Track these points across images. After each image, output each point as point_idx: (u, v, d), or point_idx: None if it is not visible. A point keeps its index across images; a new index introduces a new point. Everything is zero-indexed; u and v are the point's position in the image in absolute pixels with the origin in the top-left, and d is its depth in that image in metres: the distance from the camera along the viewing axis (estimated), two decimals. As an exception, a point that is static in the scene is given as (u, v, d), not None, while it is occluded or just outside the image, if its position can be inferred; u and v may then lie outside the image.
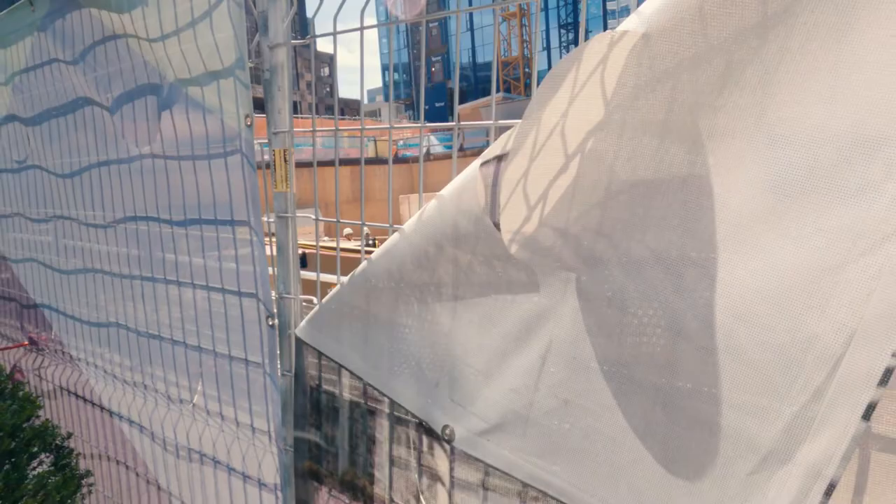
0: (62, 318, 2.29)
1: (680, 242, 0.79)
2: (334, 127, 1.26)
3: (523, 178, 0.82)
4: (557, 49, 37.33)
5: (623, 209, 0.82)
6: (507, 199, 0.85)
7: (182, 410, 1.81)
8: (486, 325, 0.97)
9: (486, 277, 0.96)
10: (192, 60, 1.47)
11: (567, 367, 0.89)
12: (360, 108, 1.26)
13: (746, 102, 0.72)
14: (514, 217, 0.85)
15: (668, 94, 0.75)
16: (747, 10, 0.69)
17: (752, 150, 0.73)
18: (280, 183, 1.28)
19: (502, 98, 24.33)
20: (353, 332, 1.17)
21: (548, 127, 0.79)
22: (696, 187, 0.77)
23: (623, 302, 0.84)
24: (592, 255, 0.85)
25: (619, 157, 0.79)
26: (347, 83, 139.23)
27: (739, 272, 0.75)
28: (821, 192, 0.70)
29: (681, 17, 0.71)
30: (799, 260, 0.71)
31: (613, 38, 0.73)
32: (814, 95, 0.69)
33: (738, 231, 0.75)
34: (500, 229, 0.88)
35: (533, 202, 0.83)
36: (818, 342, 0.72)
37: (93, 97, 1.87)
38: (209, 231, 1.55)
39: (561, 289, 0.89)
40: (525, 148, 0.81)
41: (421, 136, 1.13)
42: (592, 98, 0.77)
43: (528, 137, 0.80)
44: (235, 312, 1.52)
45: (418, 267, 1.02)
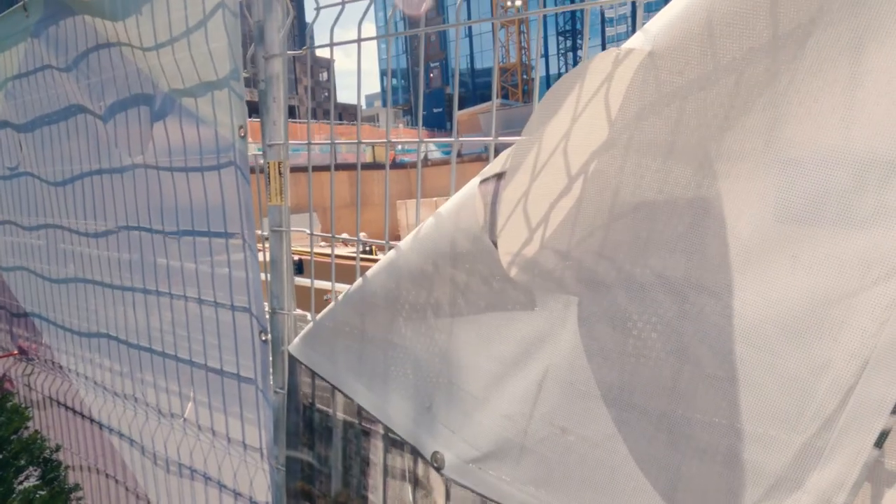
0: (52, 328, 2.25)
1: (686, 266, 0.77)
2: (331, 137, 1.23)
3: (523, 199, 0.80)
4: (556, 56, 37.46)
5: (627, 231, 0.79)
6: (507, 219, 0.82)
7: (173, 424, 1.77)
8: (481, 347, 0.94)
9: (484, 298, 0.93)
10: (186, 70, 1.44)
11: (565, 393, 0.86)
12: (357, 117, 1.23)
13: (755, 124, 0.70)
14: (513, 238, 0.83)
15: (674, 114, 0.72)
16: (757, 30, 0.67)
17: (762, 172, 0.71)
18: (274, 196, 1.25)
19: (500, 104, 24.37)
20: (348, 351, 1.14)
21: (549, 146, 0.76)
22: (703, 210, 0.75)
23: (626, 326, 0.82)
24: (594, 278, 0.83)
25: (624, 177, 0.77)
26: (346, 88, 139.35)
27: (749, 297, 0.73)
28: (833, 217, 0.67)
29: (688, 36, 0.69)
30: (811, 287, 0.69)
31: (619, 56, 0.71)
32: (826, 117, 0.67)
33: (747, 255, 0.73)
34: (498, 248, 0.85)
35: (534, 223, 0.81)
36: (830, 370, 0.69)
37: (86, 105, 1.84)
38: (202, 243, 1.52)
39: (561, 312, 0.86)
40: (525, 167, 0.78)
41: (419, 148, 1.10)
42: (596, 117, 0.74)
43: (528, 155, 0.77)
44: (228, 326, 1.49)
45: (415, 285, 0.99)
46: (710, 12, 0.68)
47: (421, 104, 1.19)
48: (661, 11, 0.71)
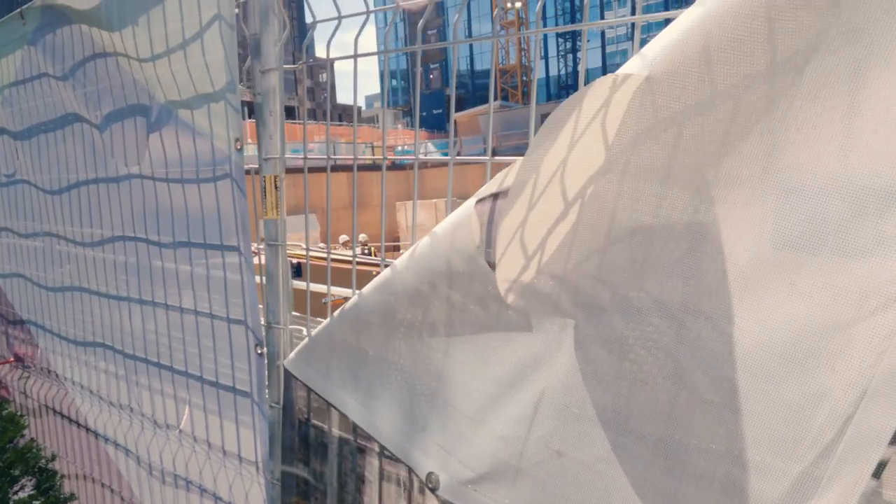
0: (48, 336, 2.24)
1: (683, 291, 0.76)
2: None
3: (521, 227, 0.79)
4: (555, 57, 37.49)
5: (623, 255, 0.79)
6: (505, 246, 0.81)
7: (168, 435, 1.76)
8: (477, 368, 0.94)
9: (480, 318, 0.92)
10: (182, 81, 1.43)
11: (560, 416, 0.85)
12: (354, 123, 1.23)
13: (753, 150, 0.69)
14: (511, 264, 0.82)
15: (671, 139, 0.72)
16: (754, 56, 0.66)
17: (760, 199, 0.70)
18: (270, 210, 1.24)
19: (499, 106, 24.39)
20: (343, 368, 1.13)
21: (547, 173, 0.76)
22: (700, 235, 0.74)
23: (622, 350, 0.81)
24: (591, 301, 0.82)
25: (621, 202, 0.76)
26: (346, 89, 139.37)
27: (746, 324, 0.72)
28: (831, 245, 0.67)
29: (685, 62, 0.68)
30: (809, 315, 0.68)
31: (616, 82, 0.70)
32: (824, 144, 0.66)
33: (744, 281, 0.72)
34: (496, 274, 0.85)
35: (531, 249, 0.80)
36: (828, 399, 0.69)
37: (82, 114, 1.83)
38: (198, 255, 1.52)
39: (557, 334, 0.85)
40: (524, 195, 0.77)
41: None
42: (593, 142, 0.74)
43: (526, 185, 0.77)
44: (223, 339, 1.48)
45: (410, 304, 0.99)
46: (707, 38, 0.67)
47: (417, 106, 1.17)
48: (659, 35, 0.71)
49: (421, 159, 1.01)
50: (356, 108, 1.08)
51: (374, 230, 15.41)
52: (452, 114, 1.13)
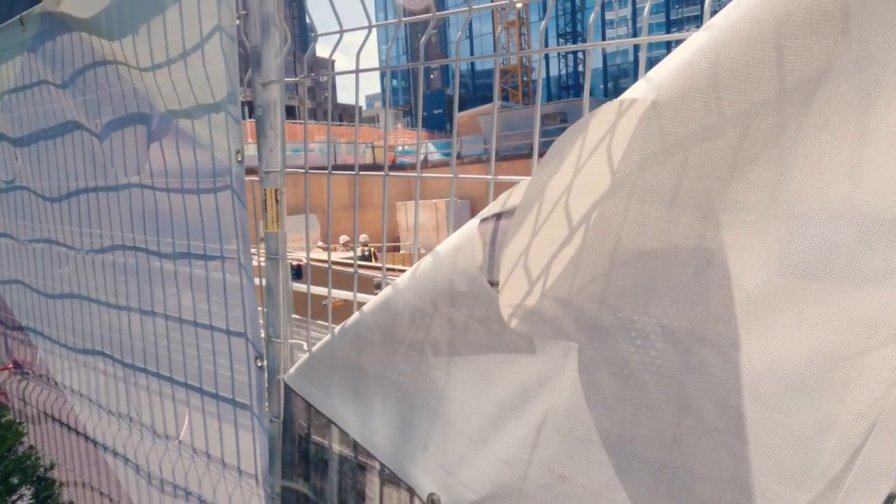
0: (47, 343, 2.23)
1: (689, 316, 0.75)
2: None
3: (525, 251, 0.78)
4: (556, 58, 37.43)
5: (629, 279, 0.78)
6: (509, 270, 0.80)
7: (168, 445, 1.75)
8: (479, 389, 0.93)
9: (482, 339, 0.91)
10: (182, 91, 1.42)
11: (564, 439, 0.84)
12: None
13: (761, 176, 0.68)
14: (515, 288, 0.81)
15: (678, 164, 0.71)
16: (763, 82, 0.65)
17: (767, 225, 0.69)
18: (271, 223, 1.23)
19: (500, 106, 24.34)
20: (343, 385, 1.12)
21: (552, 197, 0.75)
22: (706, 260, 0.73)
23: (627, 374, 0.80)
24: (595, 325, 0.81)
25: (626, 226, 0.75)
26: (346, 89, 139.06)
27: (753, 352, 0.71)
28: (840, 274, 0.66)
29: (693, 86, 0.67)
30: (817, 344, 0.67)
31: (622, 107, 0.69)
32: (833, 172, 0.65)
33: (751, 308, 0.71)
34: (499, 300, 0.84)
35: (535, 273, 0.79)
36: (837, 430, 0.68)
37: (82, 122, 1.82)
38: (198, 266, 1.51)
39: (560, 357, 0.84)
40: (528, 220, 0.76)
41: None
42: (598, 167, 0.73)
43: (531, 209, 0.76)
44: (223, 350, 1.47)
45: (412, 324, 0.98)
46: (714, 63, 0.66)
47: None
48: (665, 59, 0.70)
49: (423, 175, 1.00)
50: (357, 126, 1.07)
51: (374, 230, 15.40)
52: (455, 121, 1.12)
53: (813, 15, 0.62)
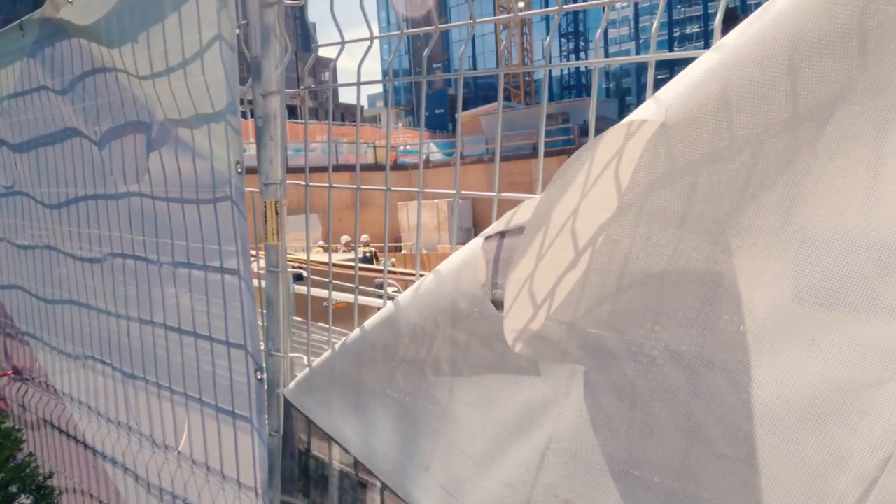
0: (47, 350, 2.22)
1: (698, 341, 0.73)
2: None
3: (531, 275, 0.76)
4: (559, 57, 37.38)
5: (636, 302, 0.76)
6: (515, 294, 0.78)
7: (167, 456, 1.74)
8: (482, 410, 0.91)
9: (485, 360, 0.90)
10: (182, 100, 1.41)
11: (569, 463, 0.83)
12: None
13: (773, 200, 0.67)
14: (520, 312, 0.79)
15: (687, 186, 0.69)
16: (776, 105, 0.64)
17: (779, 250, 0.67)
18: (271, 236, 1.22)
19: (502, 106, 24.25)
20: (344, 401, 1.10)
21: (558, 223, 0.73)
22: (716, 284, 0.71)
23: (634, 398, 0.78)
24: (602, 348, 0.79)
25: (633, 248, 0.73)
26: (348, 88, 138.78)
27: (765, 379, 0.69)
28: (854, 302, 0.64)
29: (702, 108, 0.66)
30: (830, 372, 0.66)
31: (630, 129, 0.67)
32: (849, 196, 0.64)
33: (762, 334, 0.69)
34: (504, 326, 0.82)
35: (541, 296, 0.77)
36: (851, 461, 0.66)
37: (81, 129, 1.81)
38: (197, 276, 1.49)
39: (566, 379, 0.83)
40: (534, 246, 0.75)
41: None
42: (606, 189, 0.71)
43: (536, 235, 0.74)
44: (223, 362, 1.46)
45: (414, 342, 0.96)
46: (725, 85, 0.64)
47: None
48: (674, 80, 0.68)
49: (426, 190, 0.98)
50: (358, 145, 1.06)
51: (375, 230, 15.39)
52: (459, 131, 1.10)
53: (828, 36, 0.60)
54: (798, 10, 0.61)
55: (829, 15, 0.59)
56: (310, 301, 1.38)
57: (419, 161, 1.10)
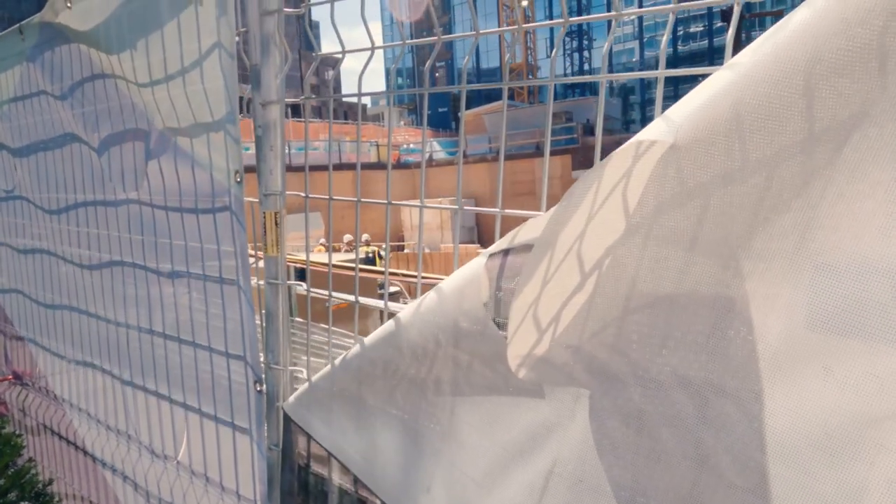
0: (46, 355, 2.20)
1: (707, 367, 0.71)
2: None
3: (536, 300, 0.74)
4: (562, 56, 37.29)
5: (643, 325, 0.74)
6: (519, 320, 0.76)
7: (166, 465, 1.72)
8: (484, 431, 0.89)
9: (488, 380, 0.87)
10: (181, 108, 1.39)
11: (573, 489, 0.81)
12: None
13: (787, 224, 0.64)
14: (524, 338, 0.77)
15: (698, 209, 0.67)
16: (791, 126, 0.61)
17: (793, 275, 0.65)
18: (270, 247, 1.20)
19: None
20: (344, 417, 1.08)
21: (565, 245, 0.71)
22: (727, 309, 0.69)
23: (641, 424, 0.76)
24: (608, 372, 0.77)
25: (641, 270, 0.71)
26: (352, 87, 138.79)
27: (777, 408, 0.67)
28: (871, 331, 0.61)
29: (714, 129, 0.63)
30: (845, 403, 0.63)
31: (639, 150, 0.65)
32: (867, 221, 0.61)
33: (775, 362, 0.67)
34: (508, 351, 0.80)
35: (545, 321, 0.75)
36: (867, 495, 0.64)
37: (80, 135, 1.79)
38: (196, 286, 1.47)
39: (570, 403, 0.81)
40: (540, 270, 0.72)
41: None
42: (614, 210, 0.69)
43: (543, 259, 0.72)
44: (222, 373, 1.44)
45: (415, 360, 0.94)
46: (737, 105, 0.62)
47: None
48: (685, 98, 0.66)
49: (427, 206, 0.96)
50: (359, 163, 1.04)
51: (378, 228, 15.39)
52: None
53: (847, 55, 0.58)
54: (815, 28, 0.58)
55: (847, 34, 0.57)
56: (309, 302, 1.36)
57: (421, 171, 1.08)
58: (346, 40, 1.11)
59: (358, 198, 1.06)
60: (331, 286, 1.22)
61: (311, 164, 1.21)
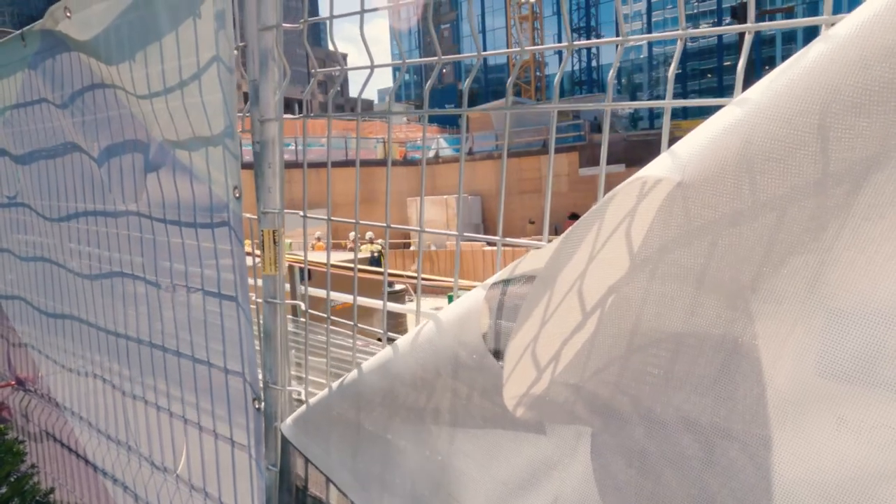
0: (48, 362, 2.20)
1: (713, 410, 0.69)
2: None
3: (535, 339, 0.72)
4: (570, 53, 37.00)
5: (647, 364, 0.71)
6: (517, 359, 0.74)
7: (166, 477, 1.71)
8: (483, 464, 0.87)
9: (488, 413, 0.85)
10: (179, 121, 1.37)
11: (577, 529, 0.78)
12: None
13: (798, 266, 0.62)
14: (523, 377, 0.75)
15: (706, 248, 0.64)
16: (803, 166, 0.58)
17: (804, 319, 0.62)
18: (268, 266, 1.18)
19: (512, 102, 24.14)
20: (342, 442, 1.06)
21: (564, 287, 0.68)
22: (734, 351, 0.66)
23: (644, 465, 0.74)
24: (610, 410, 0.75)
25: (646, 309, 0.69)
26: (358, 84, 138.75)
27: (786, 456, 0.65)
28: (887, 381, 0.59)
29: (723, 167, 0.61)
30: (859, 455, 0.61)
31: (644, 188, 0.62)
32: (884, 265, 0.58)
33: (784, 409, 0.64)
34: (505, 390, 0.77)
35: (545, 361, 0.73)
36: (878, 550, 0.61)
37: (80, 144, 1.78)
38: (195, 300, 1.46)
39: (572, 440, 0.78)
40: (537, 312, 0.70)
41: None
42: (618, 248, 0.66)
43: (540, 301, 0.69)
44: (221, 389, 1.42)
45: (413, 389, 0.92)
46: (746, 143, 0.59)
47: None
48: (692, 134, 0.63)
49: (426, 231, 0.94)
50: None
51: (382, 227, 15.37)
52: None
53: (865, 93, 0.55)
54: (831, 65, 0.55)
55: (866, 72, 0.54)
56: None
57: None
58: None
59: (357, 220, 1.03)
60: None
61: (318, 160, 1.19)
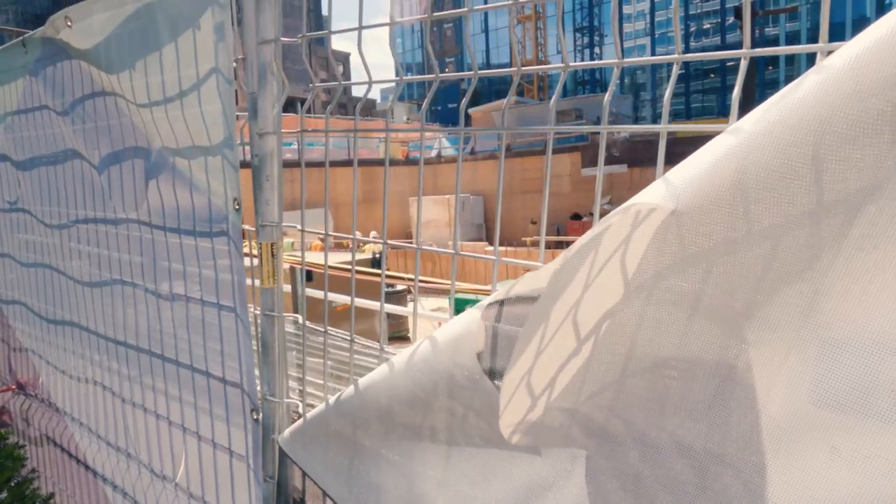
0: (48, 367, 2.21)
1: (706, 436, 0.69)
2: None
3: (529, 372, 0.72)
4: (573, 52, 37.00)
5: (642, 389, 0.71)
6: (511, 393, 0.74)
7: (165, 485, 1.72)
8: (480, 484, 0.87)
9: (484, 433, 0.85)
10: (179, 131, 1.37)
11: (571, 551, 0.78)
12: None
13: (793, 295, 0.61)
14: (518, 405, 0.75)
15: (700, 275, 0.64)
16: (797, 196, 0.58)
17: (798, 348, 0.62)
18: (266, 279, 1.18)
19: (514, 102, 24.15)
20: (339, 457, 1.07)
21: (559, 315, 0.68)
22: (727, 377, 0.66)
23: (638, 488, 0.74)
24: (605, 433, 0.75)
25: (640, 335, 0.68)
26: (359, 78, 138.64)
27: (779, 484, 0.65)
28: (882, 411, 0.59)
29: (717, 196, 0.61)
30: (853, 485, 0.60)
31: (639, 216, 0.62)
32: (878, 295, 0.58)
33: (777, 437, 0.64)
34: (500, 419, 0.77)
35: (540, 389, 0.73)
36: (872, 580, 0.61)
37: (81, 151, 1.78)
38: (194, 310, 1.46)
39: (567, 462, 0.78)
40: (533, 343, 0.70)
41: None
42: (612, 275, 0.66)
43: (536, 331, 0.69)
44: (219, 400, 1.43)
45: (409, 407, 0.92)
46: (741, 172, 0.59)
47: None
48: (687, 162, 0.63)
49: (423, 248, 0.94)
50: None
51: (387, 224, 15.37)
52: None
53: (859, 125, 0.55)
54: (825, 98, 0.55)
55: (860, 104, 0.54)
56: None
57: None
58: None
59: (354, 237, 1.03)
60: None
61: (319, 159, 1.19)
